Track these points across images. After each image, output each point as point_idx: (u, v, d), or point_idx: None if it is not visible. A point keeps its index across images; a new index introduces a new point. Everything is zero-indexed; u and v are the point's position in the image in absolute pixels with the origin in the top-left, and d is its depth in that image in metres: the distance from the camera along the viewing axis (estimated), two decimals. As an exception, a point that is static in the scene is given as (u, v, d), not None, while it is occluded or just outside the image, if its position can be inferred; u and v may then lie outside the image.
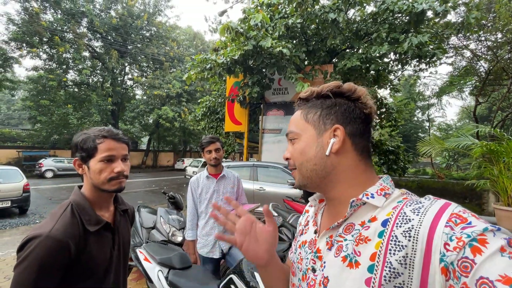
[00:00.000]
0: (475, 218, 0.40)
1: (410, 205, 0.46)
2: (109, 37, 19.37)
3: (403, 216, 0.45)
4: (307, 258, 0.57)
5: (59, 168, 15.49)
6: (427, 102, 17.15)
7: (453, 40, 9.26)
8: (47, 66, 17.31)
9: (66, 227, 0.80)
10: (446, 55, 9.10)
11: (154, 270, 1.64)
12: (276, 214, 3.21)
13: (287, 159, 0.61)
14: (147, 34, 21.56)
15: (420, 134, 23.87)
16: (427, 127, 22.32)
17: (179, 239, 2.59)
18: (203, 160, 15.97)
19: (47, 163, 15.21)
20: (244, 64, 5.48)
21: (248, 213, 0.62)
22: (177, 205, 2.98)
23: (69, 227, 0.80)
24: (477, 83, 10.33)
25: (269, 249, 0.59)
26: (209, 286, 1.46)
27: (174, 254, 1.71)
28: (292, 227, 2.66)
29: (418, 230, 0.42)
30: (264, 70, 5.81)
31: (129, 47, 20.44)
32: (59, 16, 16.99)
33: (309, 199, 0.67)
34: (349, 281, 0.46)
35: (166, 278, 1.56)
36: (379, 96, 7.96)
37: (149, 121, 23.13)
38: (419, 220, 0.43)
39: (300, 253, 0.62)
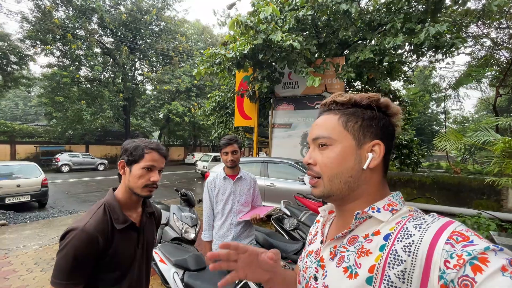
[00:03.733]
0: (478, 237, 0.40)
1: (413, 221, 0.47)
2: (119, 33, 19.53)
3: (405, 231, 0.46)
4: (311, 267, 0.59)
5: (74, 163, 15.99)
6: (442, 94, 16.52)
7: (472, 28, 8.83)
8: (60, 63, 17.70)
9: (98, 223, 0.93)
10: (464, 44, 8.70)
11: (169, 271, 1.66)
12: (289, 214, 3.20)
13: (309, 164, 0.57)
14: (156, 29, 21.61)
15: (434, 127, 23.17)
16: (442, 120, 21.63)
17: (192, 236, 2.62)
18: (212, 154, 16.12)
19: (63, 158, 15.72)
20: (254, 58, 5.40)
21: (250, 247, 0.62)
22: (189, 202, 3.01)
23: (100, 224, 0.93)
24: (498, 74, 9.84)
25: (270, 271, 0.62)
26: None
27: (189, 255, 1.72)
28: (305, 226, 2.64)
29: (419, 246, 0.42)
30: (274, 64, 5.73)
31: (139, 43, 20.57)
32: (70, 13, 17.24)
33: (319, 209, 0.68)
34: None
35: (181, 279, 1.57)
36: (392, 89, 7.71)
37: (160, 116, 23.43)
38: (420, 236, 0.43)
39: (306, 262, 0.63)
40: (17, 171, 6.95)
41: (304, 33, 5.93)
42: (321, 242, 0.61)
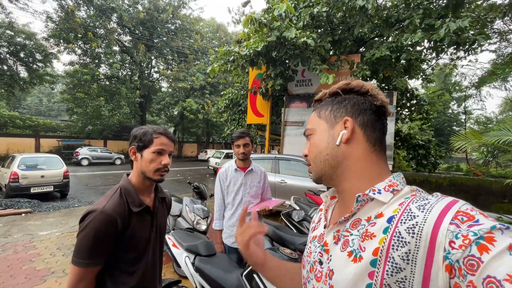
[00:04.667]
0: (483, 216, 0.39)
1: (416, 202, 0.46)
2: (137, 31, 20.08)
3: (408, 212, 0.45)
4: (316, 252, 0.60)
5: (93, 157, 16.65)
6: (463, 93, 15.81)
7: (498, 24, 8.39)
8: (81, 61, 18.44)
9: (115, 205, 0.96)
10: (489, 41, 8.29)
11: (181, 255, 1.75)
12: (297, 208, 3.22)
13: (305, 156, 0.64)
14: (172, 27, 22.01)
15: (454, 127, 22.23)
16: (463, 120, 20.72)
17: (203, 227, 2.70)
18: (225, 151, 16.30)
19: (83, 152, 16.41)
20: (267, 56, 5.41)
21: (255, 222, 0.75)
22: (201, 195, 3.09)
23: (118, 206, 0.97)
24: (525, 72, 9.30)
25: (264, 251, 0.73)
26: (232, 274, 1.53)
27: (200, 242, 1.80)
28: (313, 221, 2.65)
29: (422, 227, 0.42)
30: (287, 61, 5.71)
31: (155, 41, 21.06)
32: (91, 12, 17.89)
33: (321, 195, 0.70)
34: (353, 274, 0.47)
35: (193, 263, 1.65)
36: (409, 87, 7.48)
37: (174, 113, 23.91)
38: (424, 217, 0.43)
39: (310, 247, 0.65)
40: (42, 163, 7.36)
41: (319, 30, 5.87)
42: (324, 227, 0.62)
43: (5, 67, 15.11)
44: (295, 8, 5.57)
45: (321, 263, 0.56)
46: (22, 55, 15.42)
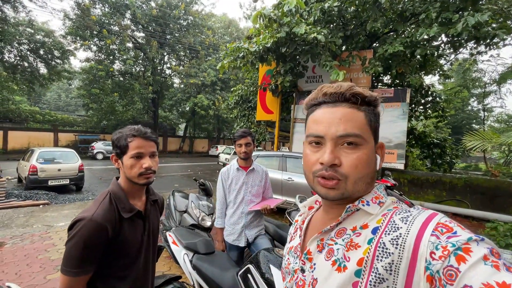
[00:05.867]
0: (460, 228, 0.41)
1: (399, 214, 0.48)
2: (150, 28, 20.36)
3: (392, 224, 0.47)
4: (296, 263, 0.60)
5: (108, 151, 17.17)
6: (483, 90, 15.09)
7: (523, 16, 7.90)
8: (97, 58, 18.94)
9: (105, 212, 0.93)
10: (510, 35, 7.83)
11: (180, 253, 1.78)
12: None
13: (333, 165, 0.49)
14: (184, 24, 22.16)
15: (474, 125, 21.34)
16: (482, 118, 19.82)
17: (208, 223, 2.73)
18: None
19: (98, 146, 16.95)
20: (277, 52, 5.36)
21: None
22: (207, 192, 3.13)
23: (107, 213, 0.94)
24: (552, 67, 8.76)
25: None
26: (229, 272, 1.55)
27: (199, 240, 1.83)
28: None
29: (406, 238, 0.43)
30: (297, 57, 5.63)
31: (167, 37, 21.29)
32: (106, 9, 18.28)
33: (299, 206, 0.68)
34: (337, 284, 0.48)
35: (191, 261, 1.68)
36: (424, 84, 7.21)
37: (186, 108, 24.20)
38: (407, 229, 0.44)
39: (288, 258, 0.64)
40: (58, 157, 7.66)
41: (330, 25, 5.74)
42: (300, 237, 0.62)
43: (26, 64, 15.73)
44: (305, 3, 5.46)
45: (303, 271, 0.56)
46: (41, 52, 16.00)
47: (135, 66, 20.84)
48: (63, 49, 16.82)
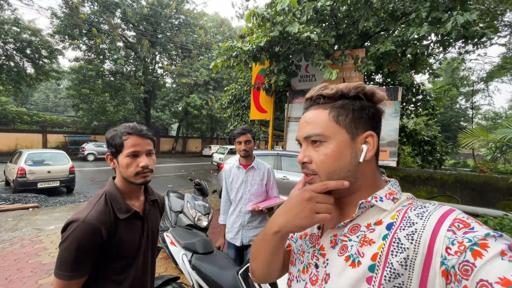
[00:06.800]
0: (478, 224, 0.41)
1: (414, 209, 0.48)
2: (141, 27, 20.06)
3: (407, 220, 0.47)
4: (309, 252, 0.59)
5: (99, 152, 16.87)
6: (471, 88, 15.49)
7: (509, 16, 8.15)
8: (86, 57, 18.55)
9: (99, 213, 0.90)
10: (498, 34, 8.06)
11: (179, 253, 1.76)
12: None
13: (304, 163, 0.56)
14: (176, 23, 21.93)
15: (462, 123, 21.87)
16: (470, 116, 20.34)
17: (204, 223, 2.72)
18: (229, 147, 16.32)
19: (89, 147, 16.64)
20: (270, 51, 5.36)
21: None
22: (202, 192, 3.11)
23: (102, 214, 0.91)
24: (536, 66, 9.06)
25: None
26: (228, 271, 1.53)
27: (198, 239, 1.82)
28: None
29: (421, 234, 0.43)
30: (290, 56, 5.65)
31: (159, 36, 21.03)
32: (95, 8, 17.92)
33: None
34: (351, 279, 0.48)
35: (190, 261, 1.67)
36: (415, 82, 7.35)
37: (178, 108, 24.00)
38: (423, 224, 0.44)
39: (301, 244, 0.64)
40: (48, 159, 7.48)
41: (323, 25, 5.77)
42: (318, 228, 0.61)
43: (12, 64, 15.28)
44: (298, 2, 5.48)
45: (317, 266, 0.56)
46: (28, 51, 15.56)
47: (126, 66, 20.51)
48: (51, 48, 16.41)
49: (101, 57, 18.63)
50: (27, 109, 24.69)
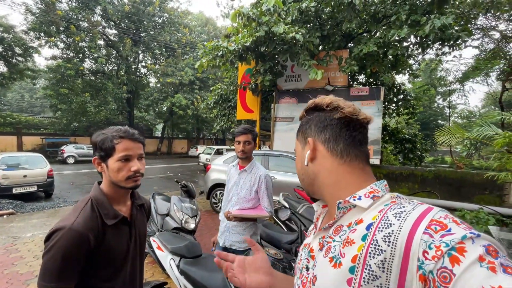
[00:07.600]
0: (456, 224, 0.40)
1: (393, 209, 0.47)
2: (122, 25, 19.46)
3: (386, 220, 0.46)
4: (304, 258, 0.61)
5: (80, 154, 16.22)
6: (448, 88, 16.25)
7: (481, 20, 8.61)
8: (64, 55, 17.75)
9: (86, 220, 0.87)
10: (472, 37, 8.49)
11: (166, 258, 1.72)
12: (286, 205, 3.24)
13: None
14: (159, 21, 21.45)
15: (440, 121, 22.88)
16: (448, 114, 21.32)
17: (192, 226, 2.67)
18: (215, 147, 16.17)
19: (69, 150, 15.94)
20: (256, 51, 5.37)
21: (233, 256, 0.70)
22: (189, 193, 3.05)
23: (89, 221, 0.87)
24: (506, 67, 9.64)
25: (267, 272, 0.67)
26: (217, 274, 1.52)
27: (185, 244, 1.78)
28: (301, 217, 2.67)
29: (397, 236, 0.43)
30: (276, 56, 5.68)
31: (142, 35, 20.49)
32: (74, 4, 17.19)
33: (313, 205, 0.70)
34: (333, 280, 0.48)
35: (178, 266, 1.63)
36: (396, 83, 7.61)
37: (163, 108, 23.51)
38: (399, 226, 0.43)
39: (301, 254, 0.65)
40: (24, 162, 7.09)
41: (308, 25, 5.85)
42: (314, 234, 0.63)
43: (-18, 62, 14.40)
44: (283, 3, 5.52)
45: (307, 269, 0.57)
46: (0, 49, 14.70)
47: (107, 65, 19.84)
48: (26, 45, 15.60)
49: (81, 55, 17.90)
50: (0, 110, 23.31)
